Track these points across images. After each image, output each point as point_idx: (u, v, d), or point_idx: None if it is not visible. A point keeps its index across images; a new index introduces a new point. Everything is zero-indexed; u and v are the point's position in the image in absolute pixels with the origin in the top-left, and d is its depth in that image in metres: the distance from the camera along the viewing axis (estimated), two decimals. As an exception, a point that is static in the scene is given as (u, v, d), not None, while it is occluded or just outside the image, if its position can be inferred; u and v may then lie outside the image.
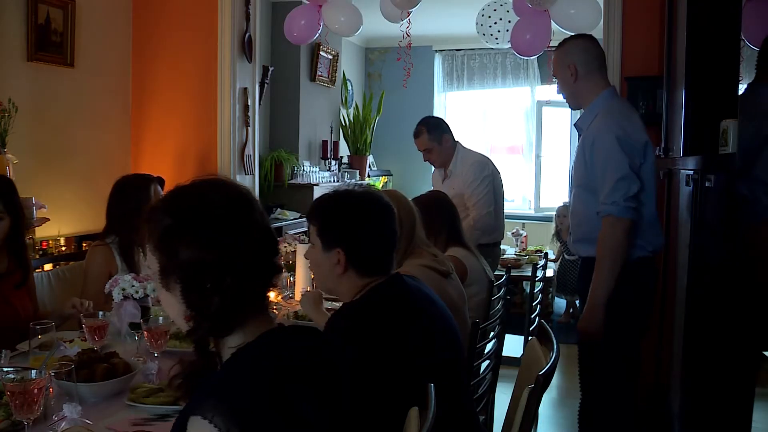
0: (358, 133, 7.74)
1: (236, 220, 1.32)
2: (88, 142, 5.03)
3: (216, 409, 1.14)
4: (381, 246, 1.95)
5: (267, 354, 1.27)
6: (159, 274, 1.33)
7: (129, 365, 2.13)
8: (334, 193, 2.01)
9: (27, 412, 1.66)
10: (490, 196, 4.32)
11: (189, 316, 1.30)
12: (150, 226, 1.33)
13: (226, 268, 1.27)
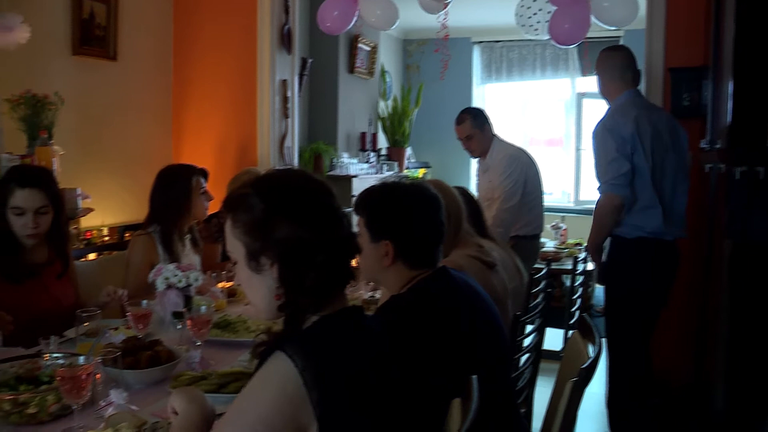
0: (397, 125, 7.72)
1: (323, 202, 1.40)
2: (131, 133, 5.10)
3: (298, 348, 1.24)
4: (429, 238, 1.95)
5: (347, 327, 1.38)
6: (246, 257, 1.38)
7: (172, 353, 2.16)
8: (382, 184, 2.01)
9: (76, 396, 1.69)
10: (513, 192, 4.29)
11: (280, 294, 1.37)
12: (236, 213, 1.39)
13: (320, 246, 1.35)
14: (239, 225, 1.39)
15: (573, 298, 3.87)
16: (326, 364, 1.25)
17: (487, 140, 4.43)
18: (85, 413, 1.77)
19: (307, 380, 1.21)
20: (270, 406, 1.23)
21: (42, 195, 2.66)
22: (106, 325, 2.44)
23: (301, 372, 1.22)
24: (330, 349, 1.29)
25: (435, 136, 8.12)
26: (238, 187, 1.44)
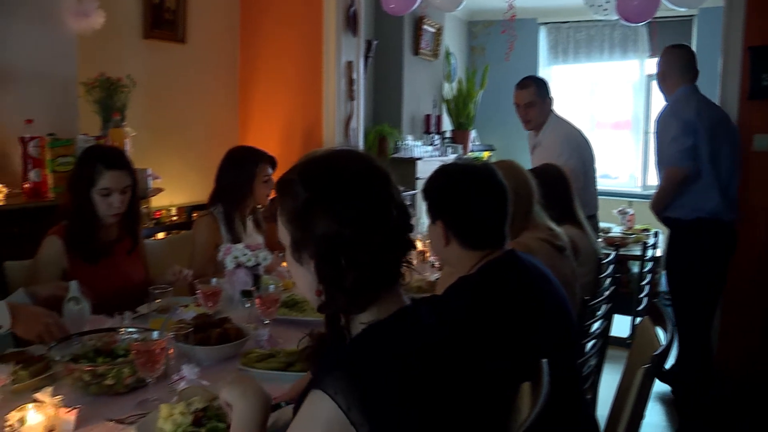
0: (461, 107, 7.66)
1: (373, 194, 1.27)
2: (198, 115, 5.19)
3: (339, 385, 1.12)
4: (481, 217, 1.93)
5: (400, 334, 1.24)
6: (291, 247, 1.30)
7: (241, 331, 2.19)
8: (439, 167, 2.01)
9: (150, 370, 1.74)
10: (577, 172, 4.17)
11: (320, 290, 1.28)
12: (283, 198, 1.30)
13: (362, 244, 1.23)
14: (284, 212, 1.30)
15: (641, 284, 3.79)
16: (374, 395, 1.12)
17: (545, 113, 4.27)
18: (158, 386, 1.83)
19: (355, 419, 1.10)
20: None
21: (126, 175, 2.75)
22: (176, 302, 2.50)
23: (347, 412, 1.10)
24: (378, 374, 1.15)
25: (500, 119, 8.03)
26: (288, 170, 1.34)
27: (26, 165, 3.71)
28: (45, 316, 2.15)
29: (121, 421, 1.70)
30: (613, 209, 5.92)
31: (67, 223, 2.73)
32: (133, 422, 1.67)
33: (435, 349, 1.26)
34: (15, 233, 3.48)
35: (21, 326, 2.11)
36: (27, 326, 2.12)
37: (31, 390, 1.78)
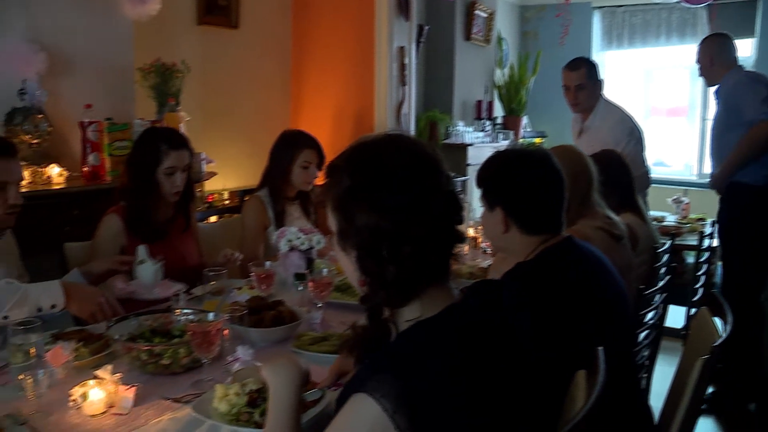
0: (513, 93, 7.58)
1: (419, 184, 1.20)
2: (251, 100, 5.24)
3: (386, 388, 1.08)
4: (541, 201, 1.91)
5: (449, 334, 1.19)
6: (337, 235, 1.27)
7: (294, 314, 2.21)
8: (493, 154, 1.99)
9: (205, 350, 1.77)
10: (641, 156, 4.08)
11: (363, 281, 1.24)
12: (330, 184, 1.27)
13: (405, 237, 1.18)
14: (330, 199, 1.27)
15: (697, 275, 3.71)
16: (420, 398, 1.08)
17: (595, 97, 4.17)
18: (213, 367, 1.85)
19: (400, 424, 1.07)
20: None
21: (187, 154, 2.83)
22: (230, 284, 2.53)
23: (393, 416, 1.07)
24: (424, 377, 1.10)
25: (552, 105, 7.89)
26: (338, 156, 1.30)
27: (85, 149, 3.79)
28: (98, 295, 2.20)
29: (177, 400, 1.72)
30: (668, 198, 5.79)
31: (126, 203, 2.79)
32: (189, 401, 1.70)
33: (488, 345, 1.22)
34: (74, 216, 3.56)
35: (75, 305, 2.16)
36: (81, 305, 2.17)
37: (92, 367, 1.83)
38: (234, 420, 1.56)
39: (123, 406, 1.67)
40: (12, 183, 2.26)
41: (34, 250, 2.71)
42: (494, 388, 1.18)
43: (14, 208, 2.28)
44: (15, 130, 3.59)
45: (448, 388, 1.11)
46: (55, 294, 2.10)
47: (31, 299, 2.05)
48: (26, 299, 2.04)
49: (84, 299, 2.18)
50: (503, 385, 1.20)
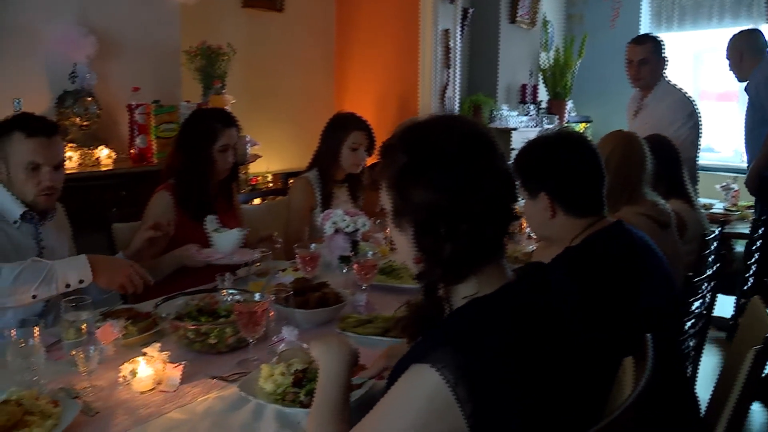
0: (558, 77, 7.47)
1: (475, 163, 1.20)
2: (295, 83, 5.25)
3: (447, 359, 1.09)
4: (584, 182, 1.88)
5: (505, 312, 1.19)
6: (392, 213, 1.27)
7: (339, 295, 2.22)
8: (528, 142, 1.97)
9: (251, 331, 1.78)
10: (693, 139, 3.99)
11: (419, 258, 1.24)
12: (385, 163, 1.27)
13: (461, 214, 1.18)
14: (385, 177, 1.27)
15: (748, 263, 3.62)
16: (481, 372, 1.10)
17: (657, 75, 4.12)
18: (258, 347, 1.87)
19: (460, 395, 1.08)
20: (418, 425, 1.10)
21: (237, 132, 2.90)
22: (275, 266, 2.54)
23: (454, 387, 1.08)
24: (485, 352, 1.12)
25: (598, 89, 7.79)
26: (392, 135, 1.30)
27: (133, 131, 3.85)
28: (126, 267, 2.20)
29: (224, 378, 1.74)
30: (716, 184, 5.67)
31: (175, 182, 2.83)
32: (235, 380, 1.72)
33: (540, 326, 1.22)
34: (122, 197, 3.62)
35: (103, 277, 2.14)
36: (109, 277, 2.15)
37: (140, 345, 1.86)
38: (279, 399, 1.58)
39: (170, 384, 1.69)
40: (46, 165, 2.26)
41: (83, 230, 2.76)
42: (545, 370, 1.17)
43: (49, 191, 2.29)
44: (66, 113, 3.65)
45: (503, 366, 1.12)
46: (82, 269, 2.09)
47: (59, 276, 2.04)
48: (54, 276, 2.04)
49: (112, 271, 2.16)
50: (553, 367, 1.20)
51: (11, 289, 1.96)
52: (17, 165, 2.22)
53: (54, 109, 3.67)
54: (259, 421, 1.53)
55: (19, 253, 2.24)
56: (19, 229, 2.29)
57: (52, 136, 2.29)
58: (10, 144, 2.22)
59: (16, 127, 2.22)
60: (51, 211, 2.38)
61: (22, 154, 2.22)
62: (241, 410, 1.58)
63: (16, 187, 2.25)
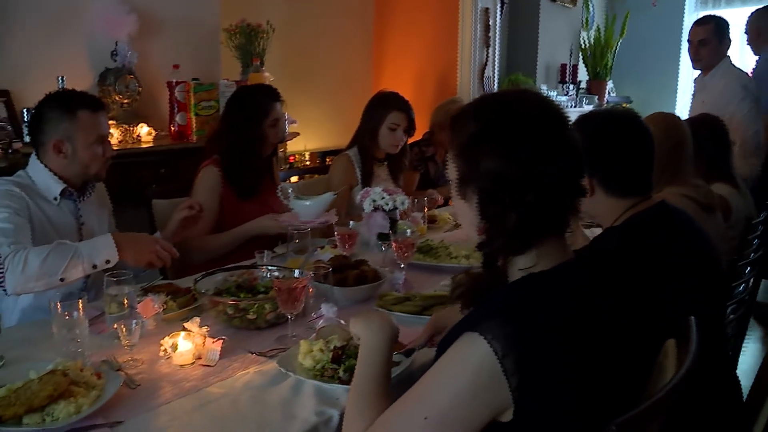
0: (599, 56, 7.35)
1: (547, 135, 1.20)
2: (333, 62, 5.23)
3: (498, 331, 1.10)
4: (629, 162, 1.84)
5: (560, 290, 1.20)
6: (457, 181, 1.26)
7: (378, 273, 2.22)
8: (578, 117, 1.93)
9: (290, 307, 1.78)
10: (754, 115, 3.91)
11: (482, 228, 1.24)
12: (454, 132, 1.27)
13: (529, 185, 1.18)
14: (453, 146, 1.27)
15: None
16: (529, 346, 1.10)
17: (719, 56, 4.10)
18: (297, 323, 1.87)
19: (507, 367, 1.08)
20: (464, 394, 1.11)
21: (281, 106, 2.96)
22: (314, 243, 2.54)
23: (501, 359, 1.08)
24: (537, 327, 1.12)
25: (639, 69, 7.65)
26: (465, 105, 1.30)
27: (173, 108, 3.87)
28: (152, 243, 2.18)
29: (263, 354, 1.75)
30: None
31: (224, 160, 2.86)
32: (274, 356, 1.72)
33: (590, 306, 1.21)
34: (162, 174, 3.66)
35: (129, 255, 2.11)
36: (136, 254, 2.13)
37: (180, 320, 1.88)
38: (318, 375, 1.58)
39: (210, 358, 1.71)
40: (106, 137, 2.34)
41: (123, 207, 2.79)
42: (592, 350, 1.17)
43: (109, 161, 2.36)
44: (107, 90, 3.69)
45: (552, 342, 1.12)
46: (108, 248, 2.07)
47: (85, 257, 2.02)
48: (80, 258, 2.02)
49: (138, 248, 2.14)
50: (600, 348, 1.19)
51: (39, 273, 1.95)
52: (86, 141, 2.27)
53: (95, 86, 3.70)
54: (297, 396, 1.54)
55: (58, 231, 2.27)
56: (59, 206, 2.32)
57: (104, 109, 2.37)
58: (78, 122, 2.25)
59: (80, 105, 2.26)
60: (90, 188, 2.41)
61: (93, 129, 2.28)
62: (279, 385, 1.59)
63: (81, 162, 2.28)
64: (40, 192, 2.29)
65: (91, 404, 1.41)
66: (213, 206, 2.79)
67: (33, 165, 2.31)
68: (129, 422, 1.41)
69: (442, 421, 1.13)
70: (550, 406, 1.12)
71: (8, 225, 2.08)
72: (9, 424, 1.35)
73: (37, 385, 1.41)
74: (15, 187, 2.22)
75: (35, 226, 2.22)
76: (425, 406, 1.15)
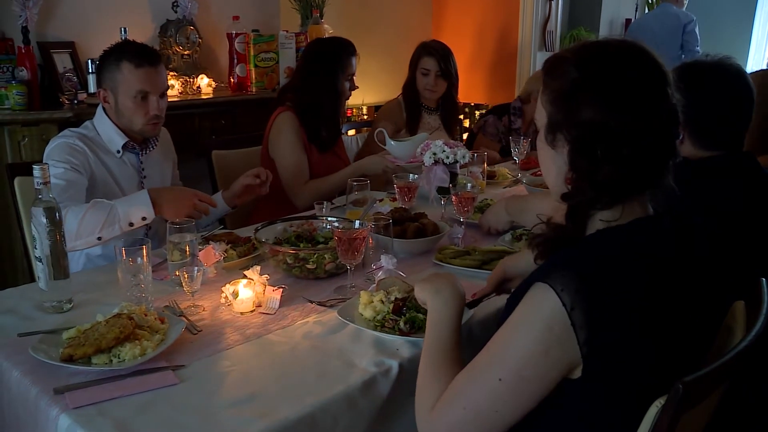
0: (666, 9, 7.10)
1: (648, 89, 1.17)
2: (392, 15, 5.17)
3: (568, 283, 1.08)
4: (722, 116, 1.77)
5: (637, 244, 1.18)
6: (546, 127, 1.23)
7: (437, 227, 2.20)
8: (682, 63, 1.87)
9: (350, 257, 1.78)
10: None
11: (570, 178, 1.22)
12: (551, 77, 1.23)
13: (627, 138, 1.15)
14: (548, 92, 1.23)
15: None
16: (599, 299, 1.08)
17: None
18: (356, 275, 1.87)
19: (575, 320, 1.07)
20: (536, 349, 1.10)
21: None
22: (373, 195, 2.53)
23: (570, 311, 1.07)
24: (607, 281, 1.11)
25: (708, 24, 7.34)
26: (561, 50, 1.27)
27: (232, 60, 3.88)
28: (191, 196, 2.14)
29: (322, 303, 1.76)
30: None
31: (297, 108, 2.87)
32: (333, 306, 1.73)
33: (665, 264, 1.18)
34: (222, 125, 3.68)
35: (167, 210, 2.07)
36: (174, 209, 2.08)
37: (240, 268, 1.90)
38: (379, 326, 1.58)
39: (270, 306, 1.72)
40: (153, 94, 2.28)
41: (184, 157, 2.82)
42: (662, 308, 1.14)
43: (156, 119, 2.32)
44: (168, 42, 3.71)
45: (622, 298, 1.10)
46: (144, 205, 2.05)
47: (121, 215, 2.01)
48: (116, 216, 2.01)
49: (176, 202, 2.11)
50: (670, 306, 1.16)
51: (78, 232, 1.96)
52: (126, 94, 2.25)
53: (156, 38, 3.73)
54: (356, 346, 1.54)
55: (120, 184, 2.30)
56: (122, 159, 2.34)
57: (158, 65, 2.30)
58: (120, 74, 2.24)
59: (124, 57, 2.24)
60: (153, 141, 2.42)
61: (132, 83, 2.24)
62: (338, 335, 1.60)
63: (124, 116, 2.28)
64: (104, 144, 2.31)
65: (155, 347, 1.44)
66: (300, 150, 2.83)
67: (99, 117, 2.34)
68: (191, 366, 1.44)
69: (516, 380, 1.12)
70: (617, 364, 1.11)
71: (60, 181, 2.09)
72: (79, 363, 1.39)
73: (104, 327, 1.44)
74: (78, 141, 2.24)
75: (97, 179, 2.25)
76: (498, 367, 1.14)
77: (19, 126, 3.08)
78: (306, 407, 1.30)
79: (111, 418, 1.24)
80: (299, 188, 2.81)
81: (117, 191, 2.27)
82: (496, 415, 1.14)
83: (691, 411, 1.13)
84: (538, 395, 1.12)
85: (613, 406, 1.14)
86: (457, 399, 1.18)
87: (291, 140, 2.80)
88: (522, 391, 1.12)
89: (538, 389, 1.12)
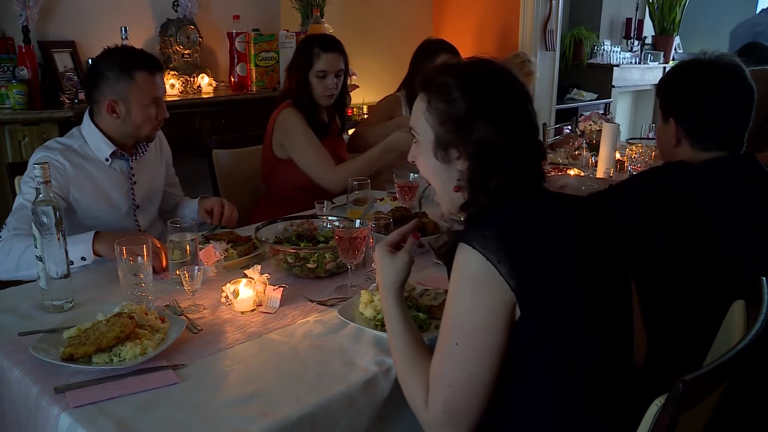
0: (667, 10, 7.09)
1: (521, 104, 1.33)
2: (393, 14, 5.17)
3: (489, 241, 1.19)
4: (721, 117, 1.76)
5: (545, 208, 1.34)
6: (434, 144, 1.35)
7: (438, 226, 2.20)
8: (680, 62, 1.90)
9: (351, 257, 1.78)
10: None
11: (459, 187, 1.35)
12: (434, 98, 1.34)
13: (512, 152, 1.30)
14: (434, 112, 1.34)
15: None
16: (517, 251, 1.20)
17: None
18: (356, 274, 1.88)
19: (502, 271, 1.18)
20: (471, 303, 1.22)
21: (341, 59, 2.87)
22: (373, 194, 2.53)
23: (496, 264, 1.18)
24: (518, 236, 1.24)
25: (708, 25, 7.37)
26: (437, 70, 1.37)
27: (233, 59, 3.88)
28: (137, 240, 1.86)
29: (323, 302, 1.76)
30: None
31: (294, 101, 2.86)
32: (333, 305, 1.73)
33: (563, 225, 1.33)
34: (222, 124, 3.68)
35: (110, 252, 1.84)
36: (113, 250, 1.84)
37: (240, 267, 1.90)
38: (379, 325, 1.59)
39: (270, 305, 1.72)
40: (162, 98, 2.28)
41: (184, 156, 2.82)
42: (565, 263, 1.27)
43: (162, 122, 2.31)
44: (168, 41, 3.71)
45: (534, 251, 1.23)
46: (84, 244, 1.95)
47: None
48: None
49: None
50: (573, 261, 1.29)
51: (17, 266, 1.96)
52: (141, 103, 2.20)
53: (157, 37, 3.73)
54: (357, 345, 1.55)
55: (106, 192, 2.25)
56: (110, 167, 2.27)
57: (161, 70, 2.30)
58: (135, 83, 2.18)
59: (135, 67, 2.19)
60: (143, 146, 2.35)
61: (149, 91, 2.21)
62: (339, 334, 1.60)
63: (134, 124, 2.22)
64: (91, 153, 2.24)
65: (155, 347, 1.44)
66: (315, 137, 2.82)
67: (86, 125, 2.27)
68: (191, 365, 1.44)
69: (468, 338, 1.22)
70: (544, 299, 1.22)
71: (26, 203, 2.04)
72: (80, 362, 1.39)
73: (105, 326, 1.44)
74: (60, 157, 2.17)
75: (85, 189, 2.20)
76: (452, 334, 1.23)
77: (19, 125, 3.08)
78: (306, 406, 1.30)
79: (111, 417, 1.24)
80: (332, 172, 2.77)
81: (103, 200, 2.23)
82: (474, 380, 1.22)
83: (690, 410, 1.13)
84: (497, 346, 1.21)
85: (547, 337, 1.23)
86: (439, 382, 1.25)
87: (302, 132, 2.79)
88: (480, 346, 1.21)
89: (494, 339, 1.21)
